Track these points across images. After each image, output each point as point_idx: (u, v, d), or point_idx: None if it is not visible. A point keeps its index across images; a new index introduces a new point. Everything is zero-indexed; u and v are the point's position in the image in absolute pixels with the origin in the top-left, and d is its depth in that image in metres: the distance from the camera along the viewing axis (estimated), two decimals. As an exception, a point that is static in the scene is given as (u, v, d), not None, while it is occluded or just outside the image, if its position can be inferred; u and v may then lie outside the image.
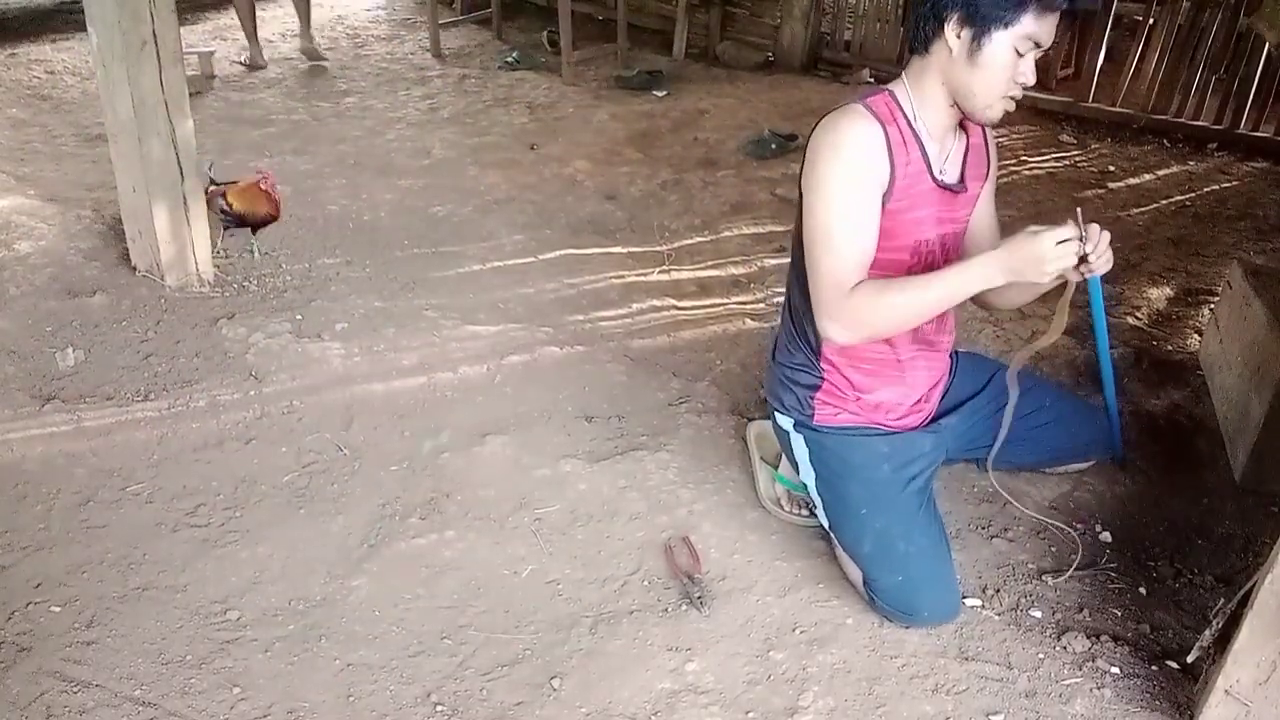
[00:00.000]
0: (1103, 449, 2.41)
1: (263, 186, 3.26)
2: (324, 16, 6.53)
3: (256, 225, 3.30)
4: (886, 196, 1.87)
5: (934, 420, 2.20)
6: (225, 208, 3.25)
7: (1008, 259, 1.76)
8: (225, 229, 3.32)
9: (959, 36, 1.78)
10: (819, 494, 2.12)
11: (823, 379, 2.09)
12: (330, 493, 2.34)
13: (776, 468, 2.35)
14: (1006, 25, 1.73)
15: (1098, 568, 2.19)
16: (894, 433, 2.12)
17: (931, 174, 1.92)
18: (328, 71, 5.48)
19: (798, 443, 2.15)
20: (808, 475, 2.14)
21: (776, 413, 2.19)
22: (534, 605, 2.05)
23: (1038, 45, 1.77)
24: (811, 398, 2.10)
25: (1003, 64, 1.77)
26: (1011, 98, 1.83)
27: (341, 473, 2.41)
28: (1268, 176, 4.59)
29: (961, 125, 1.99)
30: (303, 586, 2.08)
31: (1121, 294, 3.43)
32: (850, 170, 1.84)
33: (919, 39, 1.85)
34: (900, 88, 1.91)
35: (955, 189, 1.97)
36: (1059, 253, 1.72)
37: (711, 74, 5.76)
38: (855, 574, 2.06)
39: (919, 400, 2.16)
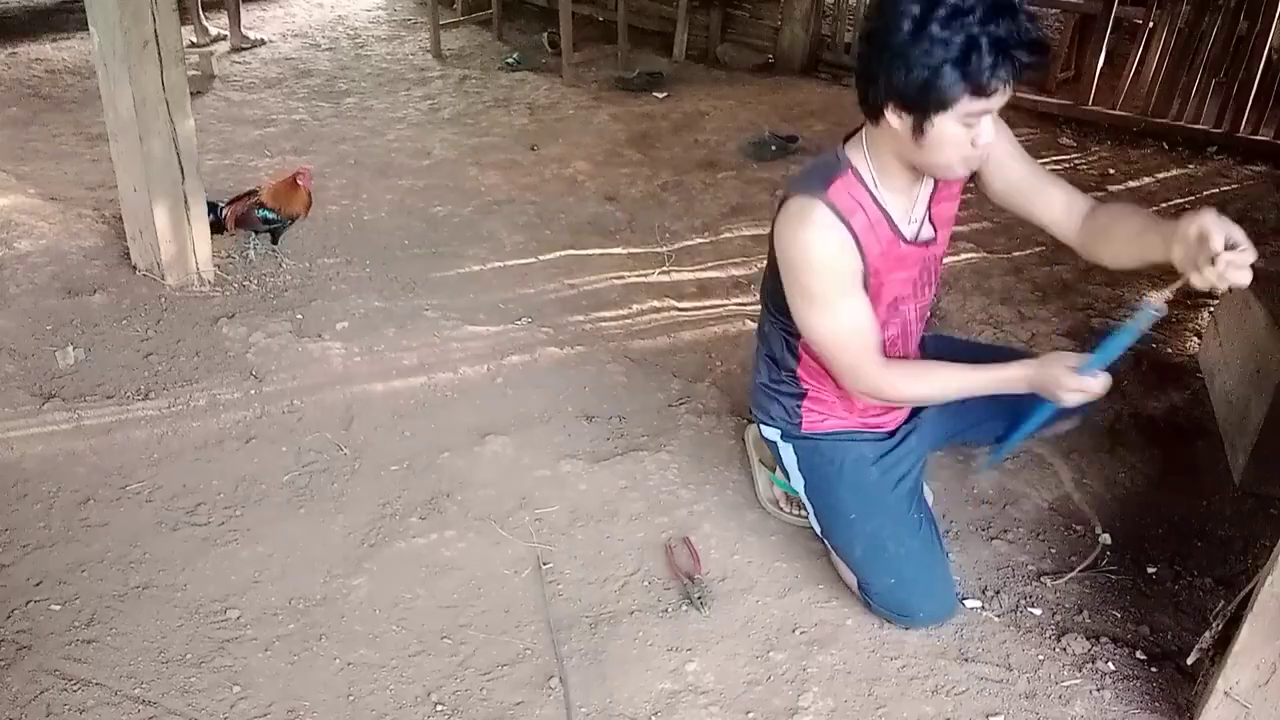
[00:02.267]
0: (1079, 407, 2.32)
1: (299, 182, 3.29)
2: (324, 17, 6.53)
3: (291, 222, 3.34)
4: (865, 280, 1.86)
5: (912, 415, 2.19)
6: (268, 214, 3.26)
7: (1035, 375, 1.83)
8: (259, 234, 3.32)
9: (900, 119, 1.69)
10: (809, 500, 2.13)
11: (805, 391, 2.09)
12: (330, 492, 2.34)
13: (774, 470, 2.35)
14: (945, 108, 1.63)
15: (1098, 569, 2.19)
16: (880, 435, 2.11)
17: (902, 239, 1.89)
18: (327, 72, 5.48)
19: (786, 451, 2.15)
20: (797, 482, 2.15)
21: (763, 425, 2.19)
22: (534, 605, 2.05)
23: (988, 111, 1.66)
24: (799, 407, 2.10)
25: (952, 139, 1.67)
26: (973, 157, 1.74)
27: (342, 472, 2.41)
28: (1267, 180, 4.59)
29: None
30: (303, 585, 2.08)
31: (1121, 297, 3.43)
32: (832, 278, 1.82)
33: (867, 111, 1.76)
34: (859, 152, 1.84)
35: (927, 243, 1.95)
36: (1077, 384, 1.78)
37: (712, 76, 5.76)
38: (850, 577, 2.06)
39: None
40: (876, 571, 2.00)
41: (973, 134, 1.67)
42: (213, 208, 3.27)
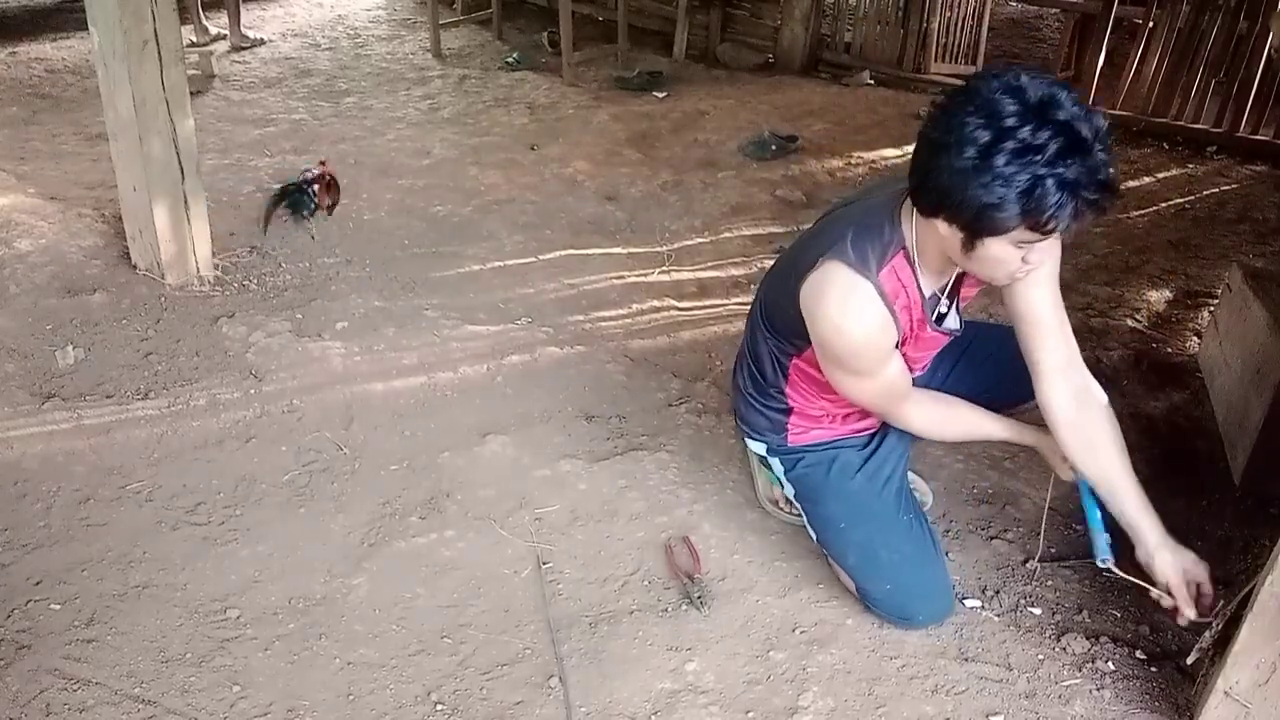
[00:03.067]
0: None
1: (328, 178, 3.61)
2: (324, 16, 6.53)
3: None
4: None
5: None
6: (320, 202, 3.54)
7: (1042, 442, 2.00)
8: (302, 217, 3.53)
9: (950, 230, 1.60)
10: (801, 508, 2.14)
11: (791, 408, 2.09)
12: (330, 492, 2.34)
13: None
14: (998, 234, 1.55)
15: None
16: (862, 440, 2.11)
17: (930, 323, 1.87)
18: (327, 71, 5.48)
19: (774, 463, 2.17)
20: (788, 490, 2.16)
21: (749, 438, 2.20)
22: (534, 605, 2.05)
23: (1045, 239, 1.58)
24: (785, 423, 2.11)
25: (1001, 258, 1.60)
26: (1020, 271, 1.66)
27: (341, 472, 2.41)
28: (1267, 180, 4.59)
29: None
30: (303, 585, 2.08)
31: (1121, 296, 3.43)
32: (874, 355, 1.79)
33: (918, 207, 1.67)
34: (909, 227, 1.75)
35: (950, 332, 1.94)
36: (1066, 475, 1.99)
37: (712, 75, 5.76)
38: (848, 581, 2.07)
39: None
40: (872, 578, 2.00)
41: (1024, 253, 1.59)
42: (296, 191, 3.51)
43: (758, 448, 2.19)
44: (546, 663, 1.91)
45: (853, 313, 1.74)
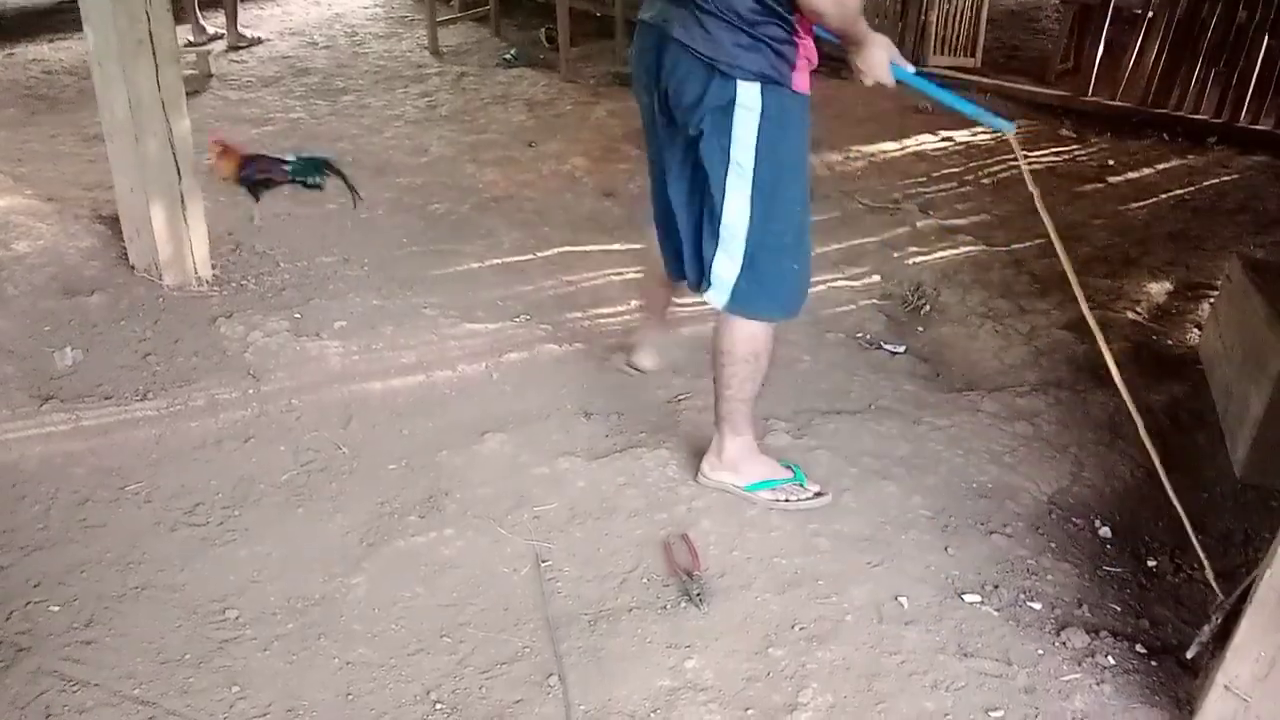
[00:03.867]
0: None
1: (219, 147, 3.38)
2: (322, 15, 6.53)
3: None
4: None
5: None
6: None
7: (879, 40, 2.02)
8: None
9: None
10: (756, 178, 2.01)
11: (797, 39, 1.95)
12: (329, 491, 2.34)
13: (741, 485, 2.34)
14: None
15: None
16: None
17: None
18: (325, 70, 5.48)
19: (747, 119, 1.98)
20: (744, 151, 2.00)
21: (741, 80, 1.95)
22: (533, 603, 2.05)
23: None
24: (794, 56, 1.96)
25: None
26: None
27: (340, 471, 2.41)
28: (1267, 170, 4.58)
29: None
30: (301, 585, 2.08)
31: (1121, 288, 3.43)
32: None
33: None
34: None
35: None
36: (878, 66, 2.02)
37: (710, 70, 5.75)
38: (730, 268, 2.10)
39: None
40: (793, 257, 2.09)
41: None
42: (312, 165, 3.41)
43: (748, 89, 1.95)
44: (546, 661, 1.91)
45: None
